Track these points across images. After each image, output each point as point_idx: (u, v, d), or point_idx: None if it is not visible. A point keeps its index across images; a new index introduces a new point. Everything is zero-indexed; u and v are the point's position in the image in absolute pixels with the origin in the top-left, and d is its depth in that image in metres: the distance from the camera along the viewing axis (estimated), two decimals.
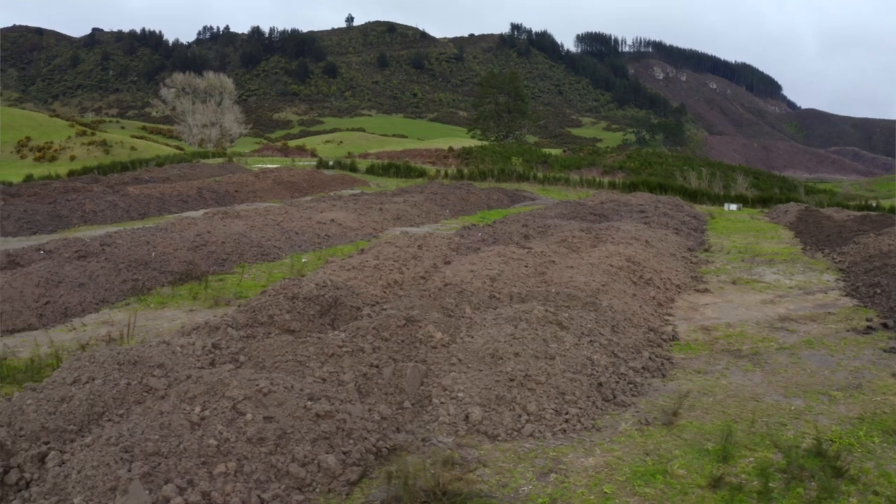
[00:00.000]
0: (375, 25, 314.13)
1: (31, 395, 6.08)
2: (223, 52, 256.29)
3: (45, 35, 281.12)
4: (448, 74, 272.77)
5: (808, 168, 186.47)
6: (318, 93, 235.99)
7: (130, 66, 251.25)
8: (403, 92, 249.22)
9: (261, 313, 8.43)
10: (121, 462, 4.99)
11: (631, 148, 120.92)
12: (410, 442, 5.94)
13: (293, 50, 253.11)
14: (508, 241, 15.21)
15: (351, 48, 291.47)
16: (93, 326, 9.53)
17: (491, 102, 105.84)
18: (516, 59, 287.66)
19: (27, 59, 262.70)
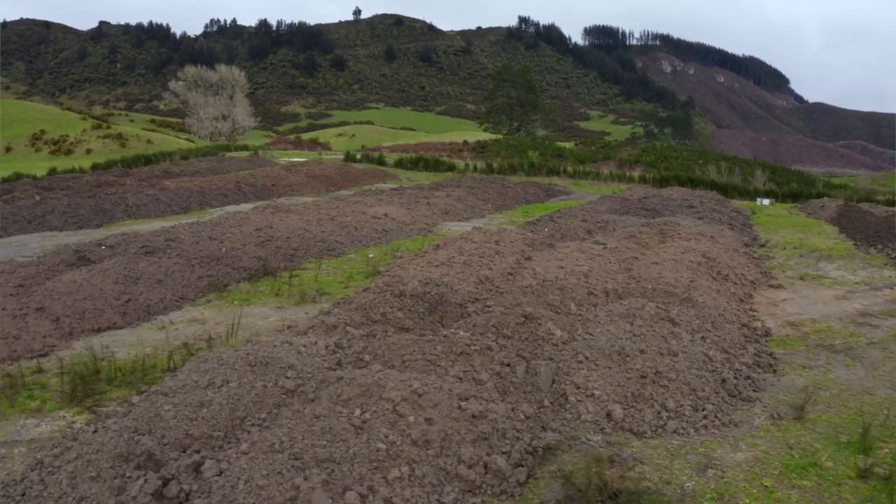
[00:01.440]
0: (383, 18, 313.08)
1: (163, 400, 5.81)
2: (231, 45, 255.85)
3: (53, 28, 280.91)
4: (456, 67, 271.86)
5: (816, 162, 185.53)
6: (325, 86, 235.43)
7: (138, 59, 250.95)
8: (411, 85, 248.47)
9: (373, 311, 8.23)
10: (294, 470, 4.79)
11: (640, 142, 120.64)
12: (561, 441, 5.89)
13: (301, 43, 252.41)
14: (575, 236, 14.93)
15: (358, 41, 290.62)
16: (182, 324, 9.23)
17: (503, 95, 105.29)
18: (524, 53, 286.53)
19: (34, 52, 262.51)
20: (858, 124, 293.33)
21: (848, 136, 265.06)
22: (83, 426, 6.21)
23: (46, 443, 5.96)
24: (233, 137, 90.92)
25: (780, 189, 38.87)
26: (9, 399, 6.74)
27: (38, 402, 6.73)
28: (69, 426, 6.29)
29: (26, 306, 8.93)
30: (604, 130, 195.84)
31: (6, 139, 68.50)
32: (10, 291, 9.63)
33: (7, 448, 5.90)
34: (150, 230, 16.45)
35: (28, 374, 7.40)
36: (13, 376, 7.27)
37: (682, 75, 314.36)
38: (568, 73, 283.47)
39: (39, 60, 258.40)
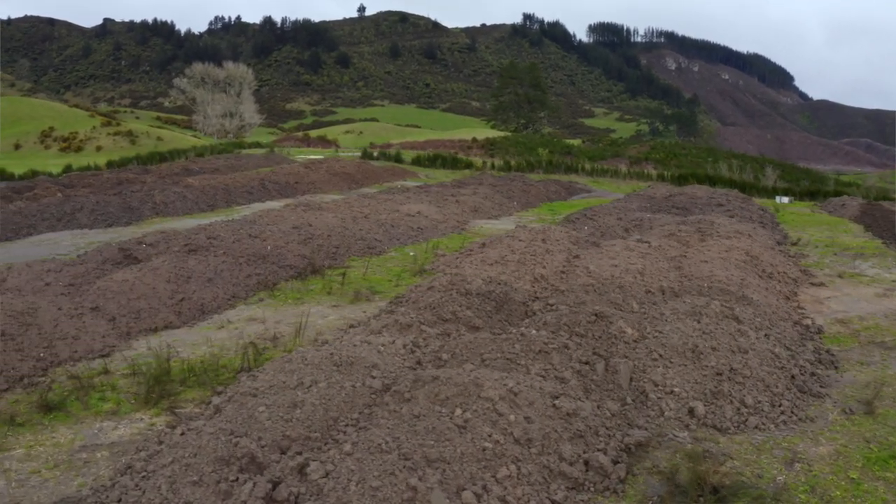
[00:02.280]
0: (387, 15, 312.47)
1: (254, 401, 5.74)
2: (235, 42, 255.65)
3: (57, 25, 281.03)
4: (460, 64, 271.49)
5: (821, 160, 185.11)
6: (330, 83, 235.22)
7: (142, 56, 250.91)
8: (416, 82, 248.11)
9: (442, 310, 8.18)
10: (406, 470, 4.74)
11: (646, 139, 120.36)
12: (650, 438, 5.93)
13: (305, 40, 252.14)
14: (615, 234, 14.84)
15: (363, 38, 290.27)
16: (241, 323, 9.10)
17: (511, 93, 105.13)
18: (528, 50, 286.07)
19: (39, 49, 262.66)
20: (863, 122, 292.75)
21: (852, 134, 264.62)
22: (164, 428, 6.10)
23: (128, 446, 5.84)
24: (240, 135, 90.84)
25: (791, 187, 38.69)
26: (81, 401, 6.61)
27: (111, 404, 6.60)
28: (149, 428, 6.17)
29: (81, 306, 8.81)
30: (609, 128, 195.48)
31: (15, 136, 68.43)
32: (60, 291, 9.51)
33: (88, 452, 5.77)
34: (184, 228, 16.32)
35: (94, 375, 7.28)
36: (80, 378, 7.15)
37: (687, 72, 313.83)
38: (572, 71, 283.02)
39: (44, 57, 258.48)
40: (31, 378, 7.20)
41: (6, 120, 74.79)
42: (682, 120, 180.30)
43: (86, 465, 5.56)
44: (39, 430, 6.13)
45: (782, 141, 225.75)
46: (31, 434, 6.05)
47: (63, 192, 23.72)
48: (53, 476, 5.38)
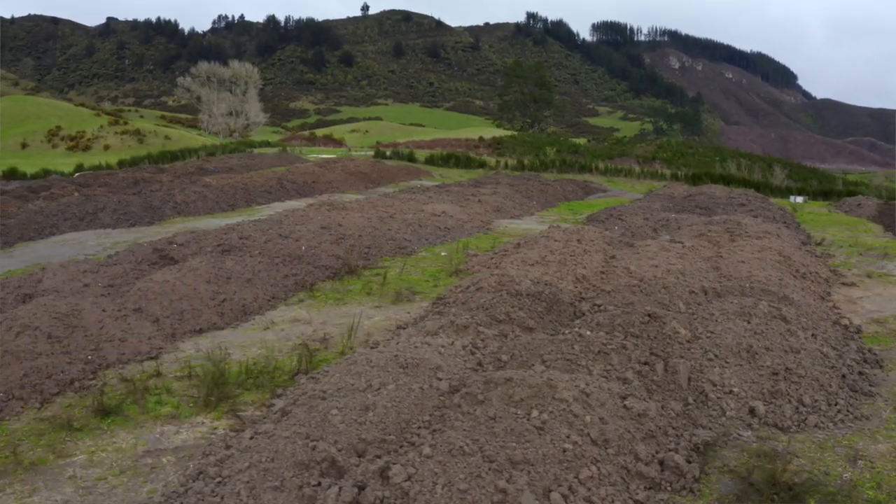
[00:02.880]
0: (391, 14, 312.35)
1: (325, 404, 5.64)
2: (239, 41, 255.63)
3: (61, 24, 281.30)
4: (464, 63, 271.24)
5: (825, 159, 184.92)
6: (334, 82, 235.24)
7: (146, 55, 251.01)
8: (419, 81, 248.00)
9: (495, 311, 8.12)
10: (493, 473, 4.69)
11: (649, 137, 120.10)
12: (716, 437, 5.95)
13: (309, 39, 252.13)
14: (645, 234, 14.75)
15: (366, 37, 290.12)
16: (286, 325, 8.99)
17: (516, 91, 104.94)
18: (532, 49, 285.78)
19: (42, 48, 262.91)
20: (866, 121, 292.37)
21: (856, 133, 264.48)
22: (228, 432, 6.00)
23: (194, 451, 5.73)
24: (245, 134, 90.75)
25: (803, 186, 38.53)
26: (138, 405, 6.50)
27: (169, 408, 6.50)
28: (212, 432, 6.06)
29: (123, 307, 8.71)
30: (612, 127, 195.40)
31: (21, 135, 68.36)
32: (100, 291, 9.42)
33: (153, 457, 5.66)
34: (209, 227, 16.22)
35: (146, 377, 7.17)
36: (132, 381, 7.05)
37: (691, 71, 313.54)
38: (576, 69, 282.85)
39: (47, 56, 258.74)
40: (82, 381, 7.10)
41: (12, 119, 74.75)
42: (685, 119, 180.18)
43: (153, 470, 5.46)
44: (98, 434, 6.02)
45: (786, 140, 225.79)
46: (91, 439, 5.94)
47: (80, 192, 23.65)
48: (121, 483, 5.27)
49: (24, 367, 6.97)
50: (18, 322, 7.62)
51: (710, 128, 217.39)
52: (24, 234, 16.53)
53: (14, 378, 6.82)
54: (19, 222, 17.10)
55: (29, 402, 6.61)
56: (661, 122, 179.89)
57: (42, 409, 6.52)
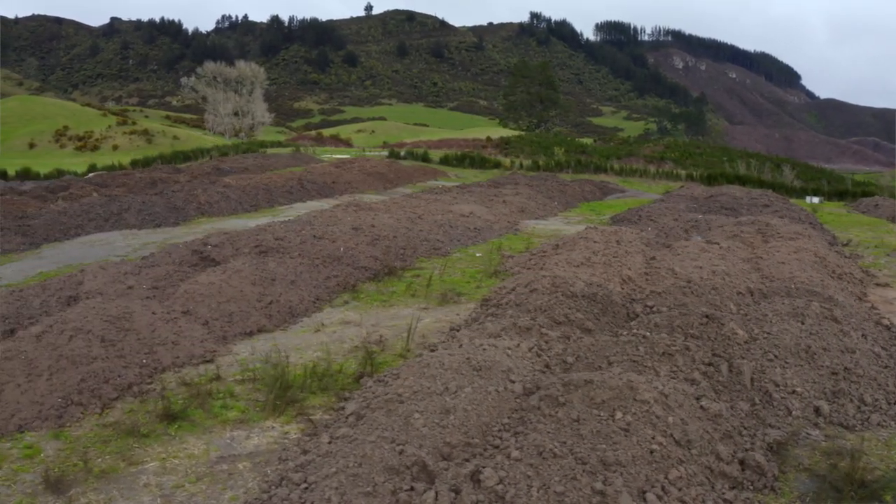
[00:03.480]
0: (394, 14, 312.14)
1: (404, 408, 5.59)
2: (242, 41, 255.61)
3: (64, 24, 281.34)
4: (468, 63, 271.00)
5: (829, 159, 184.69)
6: (338, 82, 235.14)
7: (150, 55, 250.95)
8: (423, 81, 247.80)
9: (554, 313, 8.06)
10: (587, 474, 4.70)
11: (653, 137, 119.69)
12: (787, 436, 5.95)
13: (313, 39, 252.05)
14: (677, 235, 14.64)
15: (370, 37, 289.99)
16: (336, 327, 8.88)
17: (522, 91, 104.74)
18: (536, 48, 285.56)
19: (46, 48, 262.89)
20: (870, 120, 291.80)
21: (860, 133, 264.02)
22: (302, 437, 5.91)
23: (269, 456, 5.63)
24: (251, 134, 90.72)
25: (819, 187, 38.32)
26: (204, 410, 6.40)
27: (236, 412, 6.39)
28: (283, 437, 5.96)
29: (171, 309, 8.60)
30: (616, 126, 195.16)
31: (29, 135, 68.28)
32: (145, 294, 9.32)
33: (228, 463, 5.55)
34: (234, 228, 16.12)
35: (205, 381, 7.06)
36: (193, 385, 6.95)
37: (694, 71, 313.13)
38: (580, 69, 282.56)
39: (51, 56, 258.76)
40: (140, 386, 6.99)
41: (19, 119, 74.75)
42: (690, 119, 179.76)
43: (230, 477, 5.35)
44: (167, 441, 5.91)
45: (790, 140, 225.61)
46: (160, 445, 5.83)
47: (99, 192, 23.56)
48: (200, 490, 5.17)
49: (80, 372, 6.87)
50: (70, 325, 7.51)
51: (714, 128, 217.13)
52: (50, 234, 16.44)
53: (71, 383, 6.72)
54: (44, 223, 17.01)
55: (89, 408, 6.51)
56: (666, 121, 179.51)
57: (103, 415, 6.42)
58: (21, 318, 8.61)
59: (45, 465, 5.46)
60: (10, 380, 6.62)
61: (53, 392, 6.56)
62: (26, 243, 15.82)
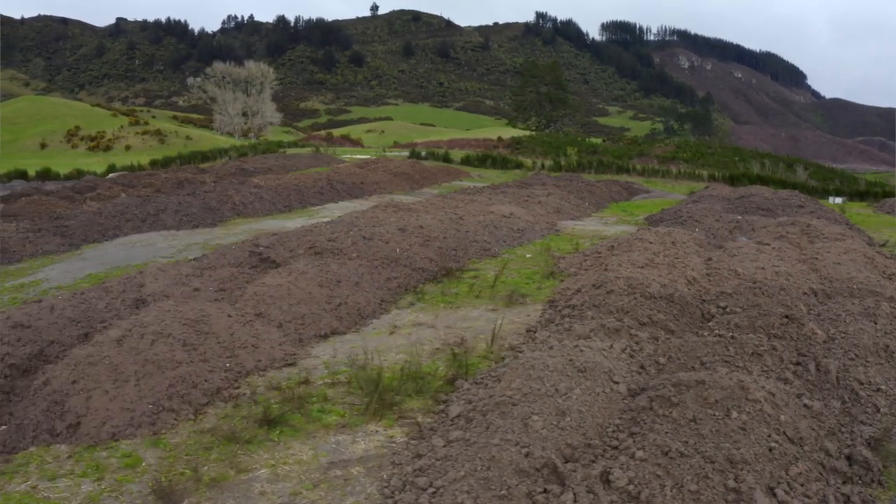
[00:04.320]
0: (400, 14, 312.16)
1: (520, 410, 5.52)
2: (248, 41, 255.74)
3: (70, 25, 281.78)
4: (474, 63, 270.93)
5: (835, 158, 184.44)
6: (344, 82, 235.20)
7: (156, 55, 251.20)
8: (429, 81, 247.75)
9: (637, 313, 8.04)
10: (717, 473, 4.75)
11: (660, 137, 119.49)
12: (881, 433, 6.02)
13: (319, 39, 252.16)
14: (725, 236, 14.53)
15: (376, 37, 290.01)
16: (409, 328, 8.79)
17: (532, 91, 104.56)
18: (542, 48, 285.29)
19: (52, 48, 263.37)
20: (876, 120, 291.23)
21: (866, 132, 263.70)
22: (409, 440, 5.83)
23: (381, 461, 5.54)
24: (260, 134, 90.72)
25: (835, 187, 38.13)
26: (303, 414, 6.30)
27: (335, 417, 6.30)
28: (390, 441, 5.87)
29: (244, 312, 8.51)
30: (623, 126, 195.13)
31: (40, 135, 68.27)
32: (213, 296, 9.23)
33: (341, 469, 5.46)
34: (274, 228, 16.05)
35: (293, 385, 6.97)
36: (282, 389, 6.86)
37: (700, 71, 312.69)
38: (586, 69, 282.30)
39: (57, 57, 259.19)
40: (228, 390, 6.90)
41: (29, 119, 74.77)
42: (696, 118, 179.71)
43: (346, 482, 5.25)
44: (271, 447, 5.81)
45: (797, 140, 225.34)
46: (265, 452, 5.73)
47: (127, 192, 23.51)
48: (319, 497, 5.07)
49: (167, 377, 6.76)
50: (150, 329, 7.42)
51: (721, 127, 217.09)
52: (88, 235, 16.37)
53: (160, 388, 6.61)
54: (80, 224, 16.93)
55: (181, 414, 6.41)
56: (672, 121, 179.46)
57: (197, 421, 6.31)
58: (91, 321, 8.50)
59: (151, 475, 5.36)
60: (97, 386, 6.51)
61: (143, 398, 6.45)
62: (65, 244, 15.75)
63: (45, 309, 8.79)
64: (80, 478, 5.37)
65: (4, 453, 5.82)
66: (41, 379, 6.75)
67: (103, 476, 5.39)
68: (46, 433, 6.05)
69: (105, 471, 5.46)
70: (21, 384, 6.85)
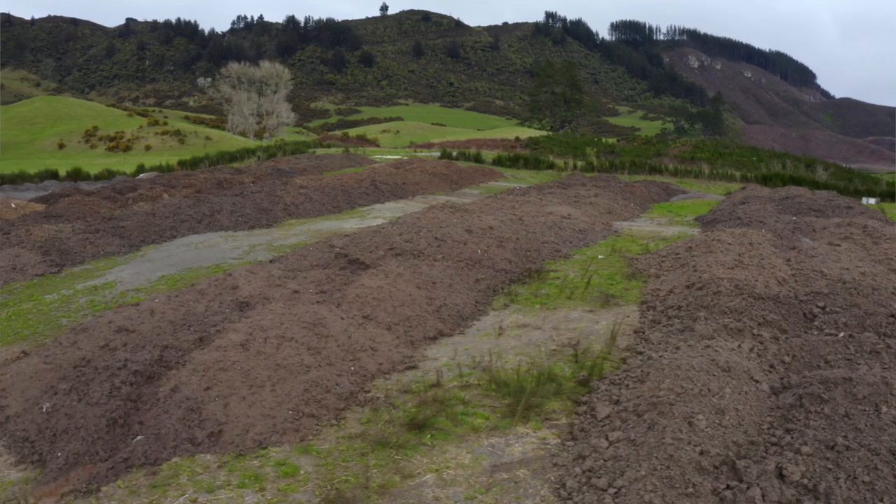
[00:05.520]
0: (410, 14, 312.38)
1: (680, 410, 5.53)
2: (258, 41, 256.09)
3: (80, 25, 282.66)
4: (484, 63, 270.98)
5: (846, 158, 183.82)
6: (354, 82, 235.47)
7: (166, 55, 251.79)
8: (439, 81, 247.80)
9: (751, 314, 8.13)
10: (886, 464, 4.81)
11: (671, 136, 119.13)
12: None
13: (328, 39, 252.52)
14: (788, 237, 14.46)
15: (386, 37, 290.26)
16: (516, 330, 8.76)
17: (547, 92, 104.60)
18: (551, 48, 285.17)
19: (63, 49, 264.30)
20: (886, 119, 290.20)
21: (876, 132, 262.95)
22: (563, 441, 5.84)
23: (543, 462, 5.53)
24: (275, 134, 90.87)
25: (848, 185, 37.96)
26: (448, 418, 6.27)
27: (480, 420, 6.26)
28: (544, 442, 5.86)
29: (352, 314, 8.49)
30: (633, 126, 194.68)
31: (58, 135, 68.45)
32: (314, 298, 9.20)
33: (506, 472, 5.42)
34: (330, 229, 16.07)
35: (424, 388, 6.94)
36: (415, 392, 6.84)
37: (710, 70, 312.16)
38: (596, 69, 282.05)
39: (68, 57, 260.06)
40: (360, 394, 6.86)
41: (46, 119, 75.02)
42: (707, 118, 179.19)
43: (516, 486, 5.23)
44: (426, 451, 5.78)
45: (808, 139, 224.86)
46: (422, 456, 5.69)
47: (169, 193, 23.54)
48: (494, 501, 5.05)
49: (300, 382, 6.71)
50: (271, 333, 7.39)
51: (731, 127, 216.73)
52: (146, 236, 16.38)
53: (296, 393, 6.55)
54: (136, 224, 16.93)
55: (322, 419, 6.34)
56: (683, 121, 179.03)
57: (340, 427, 6.26)
58: (200, 325, 8.45)
59: (315, 483, 5.30)
60: (232, 392, 6.46)
61: (282, 404, 6.38)
62: (125, 245, 15.77)
63: (144, 312, 8.78)
64: (240, 489, 5.27)
65: (148, 465, 5.69)
66: (168, 385, 6.68)
67: (264, 486, 5.30)
68: (187, 442, 5.96)
69: (263, 480, 5.38)
70: (147, 391, 6.69)
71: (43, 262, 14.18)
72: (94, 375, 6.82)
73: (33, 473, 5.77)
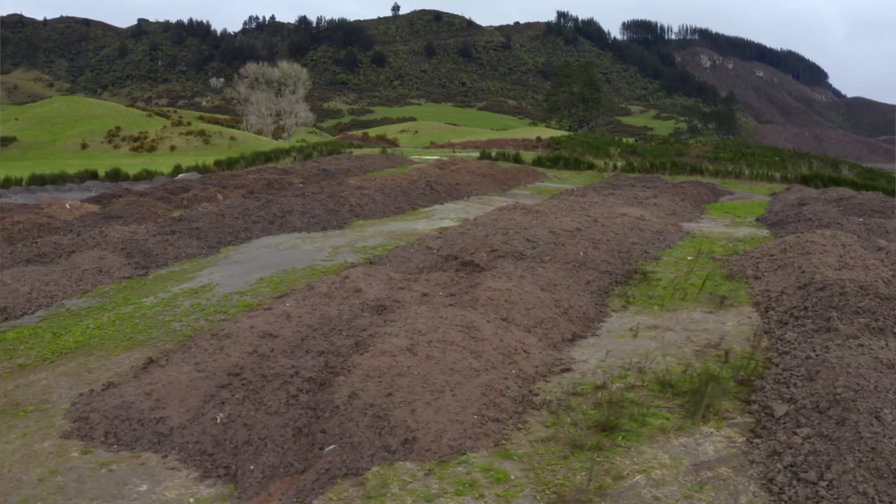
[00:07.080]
0: (422, 14, 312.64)
1: (864, 405, 5.70)
2: (270, 41, 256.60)
3: (93, 26, 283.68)
4: (496, 63, 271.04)
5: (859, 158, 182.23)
6: (366, 82, 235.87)
7: (179, 56, 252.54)
8: (451, 81, 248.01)
9: (883, 313, 8.24)
10: None
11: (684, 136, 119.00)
12: None
13: (340, 39, 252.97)
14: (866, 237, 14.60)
15: (398, 37, 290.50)
16: (649, 331, 8.87)
17: (565, 91, 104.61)
18: (563, 48, 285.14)
19: (75, 49, 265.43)
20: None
21: (889, 131, 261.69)
22: (752, 439, 6.00)
23: (739, 460, 5.69)
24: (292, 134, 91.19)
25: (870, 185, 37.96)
26: (633, 420, 6.39)
27: (661, 420, 6.40)
28: (731, 441, 6.01)
29: (491, 317, 8.61)
30: (646, 126, 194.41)
31: (80, 136, 68.66)
32: (445, 301, 9.32)
33: (709, 470, 5.58)
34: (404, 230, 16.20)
35: (590, 390, 7.07)
36: (583, 395, 6.97)
37: (722, 70, 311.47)
38: (608, 68, 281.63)
39: (80, 58, 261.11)
40: (531, 398, 6.96)
41: (67, 119, 75.34)
42: (720, 118, 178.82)
43: (725, 483, 5.39)
44: (622, 452, 5.88)
45: (821, 139, 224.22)
46: (622, 458, 5.80)
47: (223, 193, 23.72)
48: (711, 498, 5.20)
49: (475, 386, 6.73)
50: (432, 337, 7.47)
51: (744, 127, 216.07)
52: (222, 238, 16.52)
53: (474, 398, 6.55)
54: (209, 226, 17.05)
55: (507, 424, 6.38)
56: (696, 120, 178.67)
57: (525, 431, 6.32)
58: (347, 329, 8.39)
59: (530, 488, 5.35)
60: (416, 398, 6.40)
61: (465, 409, 6.40)
62: (203, 246, 15.90)
63: (281, 317, 8.85)
64: (458, 496, 5.26)
65: (350, 475, 5.59)
66: (344, 392, 6.49)
67: (482, 493, 5.30)
68: (382, 450, 5.89)
69: (477, 487, 5.38)
70: (322, 398, 6.54)
71: (128, 265, 14.27)
72: (264, 383, 6.69)
73: (226, 489, 5.57)
